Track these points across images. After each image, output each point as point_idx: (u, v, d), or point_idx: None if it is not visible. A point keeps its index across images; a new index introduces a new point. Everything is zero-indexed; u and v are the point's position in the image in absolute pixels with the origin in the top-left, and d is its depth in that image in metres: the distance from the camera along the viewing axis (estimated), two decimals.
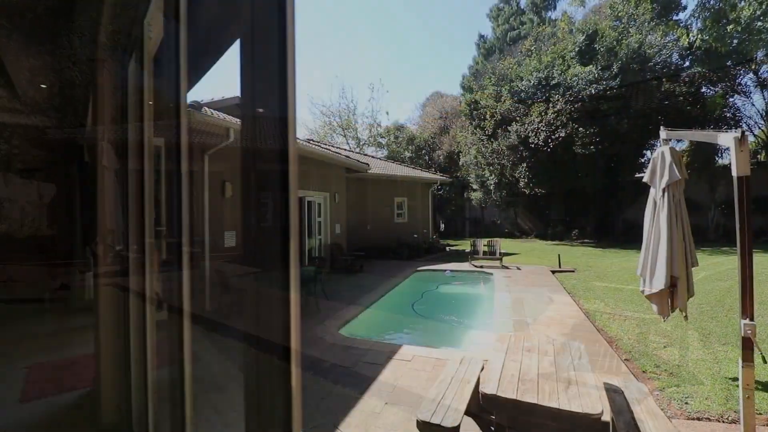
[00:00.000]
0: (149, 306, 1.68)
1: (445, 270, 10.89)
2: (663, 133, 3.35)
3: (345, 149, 20.92)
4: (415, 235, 15.45)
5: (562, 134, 16.17)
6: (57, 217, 5.55)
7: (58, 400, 2.74)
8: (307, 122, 32.36)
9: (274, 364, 0.67)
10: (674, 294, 2.94)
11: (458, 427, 2.28)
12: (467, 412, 2.60)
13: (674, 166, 3.03)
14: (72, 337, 4.20)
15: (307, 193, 9.91)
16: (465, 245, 17.11)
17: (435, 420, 2.31)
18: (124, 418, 2.22)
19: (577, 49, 17.24)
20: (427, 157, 28.56)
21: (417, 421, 2.37)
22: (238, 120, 7.57)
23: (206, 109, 6.82)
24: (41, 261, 5.37)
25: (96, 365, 2.36)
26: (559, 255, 11.46)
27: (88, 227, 2.32)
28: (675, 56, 16.11)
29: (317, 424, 2.90)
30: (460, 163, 23.95)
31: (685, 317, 3.13)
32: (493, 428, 2.82)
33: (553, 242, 18.33)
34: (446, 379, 2.89)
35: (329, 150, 12.29)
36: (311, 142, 15.06)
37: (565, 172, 17.09)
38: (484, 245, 11.62)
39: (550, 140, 16.57)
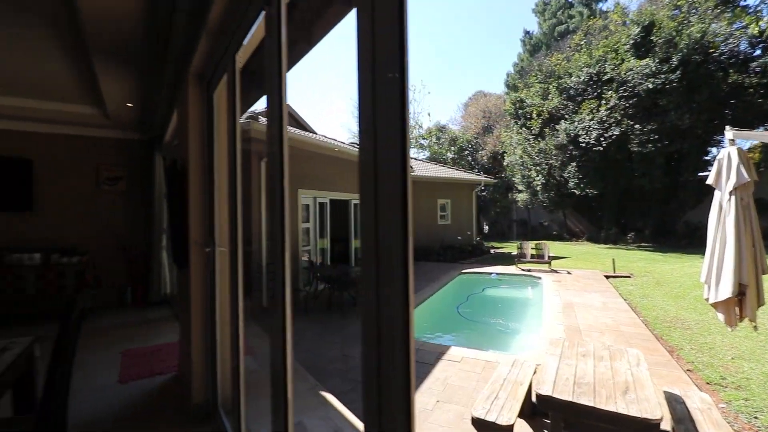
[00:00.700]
0: (239, 300, 1.93)
1: (491, 273, 10.77)
2: (729, 134, 3.20)
3: None
4: (459, 237, 15.36)
5: (616, 132, 15.36)
6: (138, 219, 6.21)
7: (150, 383, 3.14)
8: (351, 126, 33.06)
9: (395, 352, 0.81)
10: (743, 302, 2.81)
11: (512, 426, 2.36)
12: (520, 414, 2.65)
13: (742, 167, 2.89)
14: (152, 328, 4.71)
15: (353, 195, 10.22)
16: (510, 248, 16.74)
17: (490, 418, 2.41)
18: (210, 399, 2.53)
19: (631, 41, 16.29)
20: (470, 158, 28.18)
21: (472, 418, 2.47)
22: (291, 129, 8.00)
23: (261, 117, 7.31)
24: (123, 260, 6.03)
25: (186, 352, 2.70)
26: (613, 259, 10.93)
27: (176, 229, 2.65)
28: (743, 45, 14.74)
29: None
30: (505, 163, 23.42)
31: (755, 327, 2.97)
32: (546, 431, 2.86)
33: (607, 245, 17.42)
34: (498, 380, 2.97)
35: None
36: (354, 145, 15.45)
37: (619, 171, 16.21)
38: (532, 248, 11.35)
39: (602, 138, 15.80)
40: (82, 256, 5.35)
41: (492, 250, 16.37)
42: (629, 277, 9.51)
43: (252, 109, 6.81)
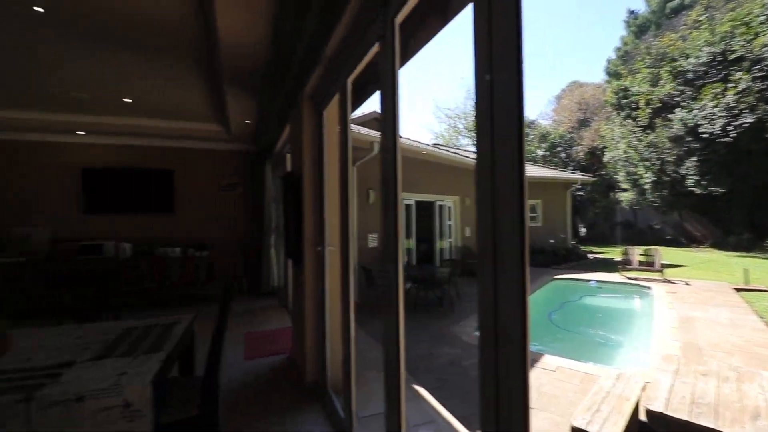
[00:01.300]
0: (350, 294, 2.20)
1: (590, 280, 9.95)
2: None
3: (472, 151, 20.72)
4: (551, 241, 14.43)
5: (750, 119, 12.98)
6: (251, 220, 7.14)
7: (268, 361, 3.64)
8: (432, 126, 32.98)
9: (511, 353, 0.86)
10: None
11: None
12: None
13: None
14: (265, 315, 5.38)
15: (438, 197, 10.30)
16: (612, 253, 15.18)
17: (591, 429, 2.33)
18: (320, 379, 2.88)
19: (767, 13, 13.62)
20: (563, 155, 26.17)
21: (572, 427, 2.42)
22: (378, 133, 8.41)
23: (352, 126, 7.81)
24: (239, 255, 6.98)
25: (300, 337, 3.10)
26: (745, 269, 9.29)
27: (293, 229, 3.06)
28: None
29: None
30: (605, 159, 21.26)
31: None
32: None
33: (737, 253, 14.78)
34: (600, 393, 2.83)
35: (457, 154, 12.49)
36: (437, 146, 15.48)
37: (753, 165, 13.66)
38: (640, 254, 10.19)
39: (730, 127, 13.48)
40: (210, 251, 6.34)
41: (590, 255, 15.04)
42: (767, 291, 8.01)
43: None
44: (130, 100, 5.08)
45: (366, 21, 1.78)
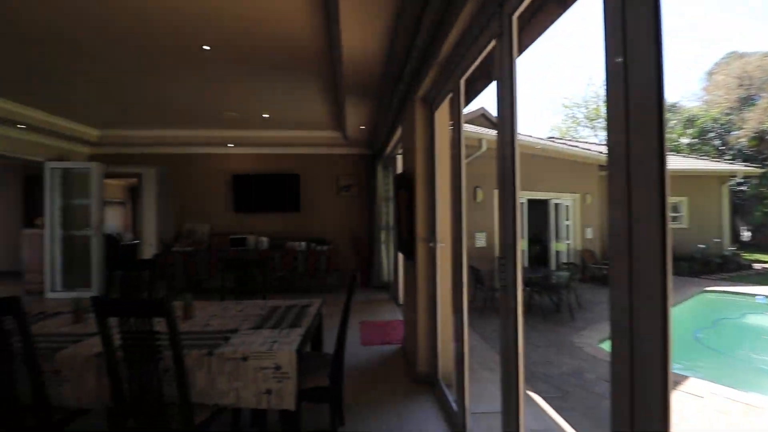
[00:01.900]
0: (463, 291, 2.25)
1: (756, 295, 8.08)
2: None
3: (594, 143, 18.58)
4: (701, 246, 12.07)
5: None
6: (363, 218, 7.68)
7: (382, 349, 3.90)
8: (546, 118, 30.45)
9: (650, 368, 0.79)
10: None
11: None
12: None
13: None
14: (376, 307, 5.73)
15: (554, 194, 9.53)
16: None
17: None
18: (432, 371, 2.99)
19: None
20: (717, 142, 21.60)
21: None
22: (487, 131, 8.17)
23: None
24: (353, 250, 7.57)
25: (412, 328, 3.26)
26: None
27: (406, 226, 3.23)
28: None
29: None
30: None
31: None
32: None
33: None
34: None
35: (576, 147, 11.35)
36: (552, 139, 14.27)
37: None
38: None
39: None
40: (329, 246, 7.02)
41: (756, 265, 12.15)
42: None
43: None
44: (268, 116, 5.94)
45: (482, 21, 1.81)
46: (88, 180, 6.69)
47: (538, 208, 9.65)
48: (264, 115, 5.93)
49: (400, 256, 5.61)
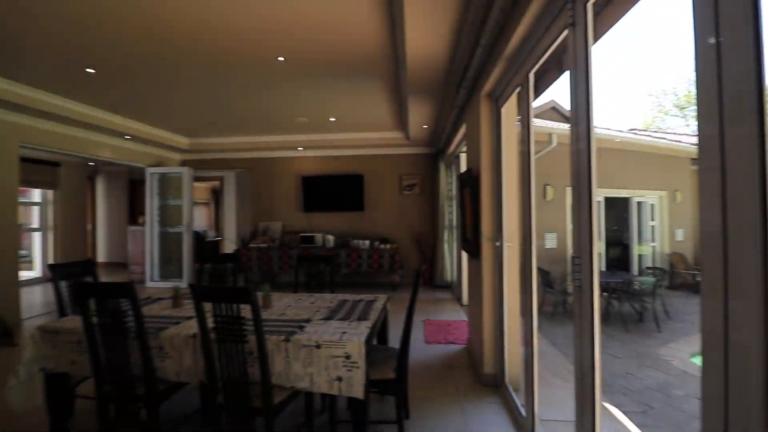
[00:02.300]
0: (533, 293, 2.17)
1: None
2: None
3: (684, 134, 16.53)
4: None
5: None
6: (426, 217, 7.68)
7: (446, 348, 3.89)
8: (627, 107, 27.82)
9: (747, 387, 0.71)
10: None
11: None
12: None
13: None
14: (439, 306, 5.71)
15: (636, 192, 8.69)
16: None
17: None
18: (498, 373, 2.93)
19: None
20: None
21: None
22: (557, 124, 7.71)
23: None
24: (417, 250, 7.60)
25: (477, 329, 3.21)
26: None
27: (471, 224, 3.20)
28: None
29: None
30: None
31: None
32: None
33: None
34: None
35: (663, 138, 10.21)
36: (634, 131, 12.96)
37: None
38: None
39: None
40: (392, 245, 7.13)
41: None
42: None
43: None
44: (334, 119, 6.21)
45: (553, 11, 1.74)
46: (180, 183, 7.55)
47: (618, 207, 8.86)
48: (331, 119, 6.20)
49: (464, 255, 5.53)
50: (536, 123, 6.82)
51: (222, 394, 1.97)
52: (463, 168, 5.67)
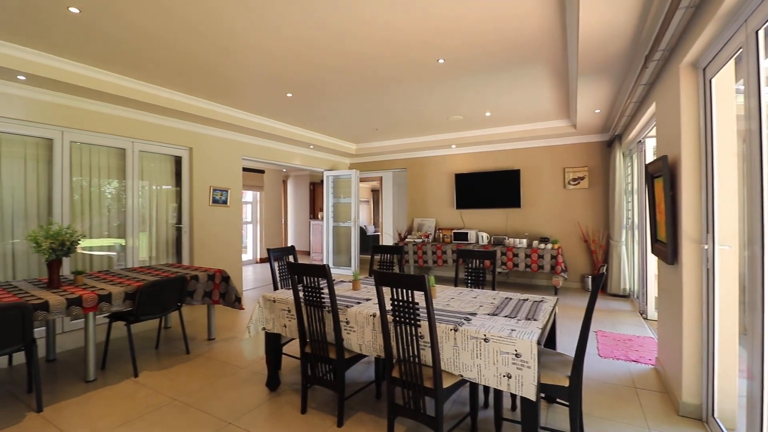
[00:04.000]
0: (764, 308, 1.70)
1: None
2: None
3: None
4: None
5: None
6: (597, 215, 6.77)
7: (624, 365, 3.37)
8: None
9: None
10: None
11: None
12: None
13: None
14: (614, 318, 4.96)
15: None
16: None
17: None
18: (704, 404, 2.39)
19: None
20: None
21: None
22: None
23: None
24: (585, 251, 6.77)
25: (673, 349, 2.69)
26: None
27: (665, 223, 2.68)
28: None
29: None
30: None
31: None
32: None
33: None
34: None
35: None
36: None
37: None
38: None
39: None
40: (554, 244, 6.54)
41: None
42: None
43: None
44: (489, 114, 6.07)
45: None
46: (349, 184, 8.64)
47: None
48: (486, 114, 6.09)
49: (653, 259, 4.68)
50: None
51: (397, 369, 2.20)
52: (651, 156, 4.78)
